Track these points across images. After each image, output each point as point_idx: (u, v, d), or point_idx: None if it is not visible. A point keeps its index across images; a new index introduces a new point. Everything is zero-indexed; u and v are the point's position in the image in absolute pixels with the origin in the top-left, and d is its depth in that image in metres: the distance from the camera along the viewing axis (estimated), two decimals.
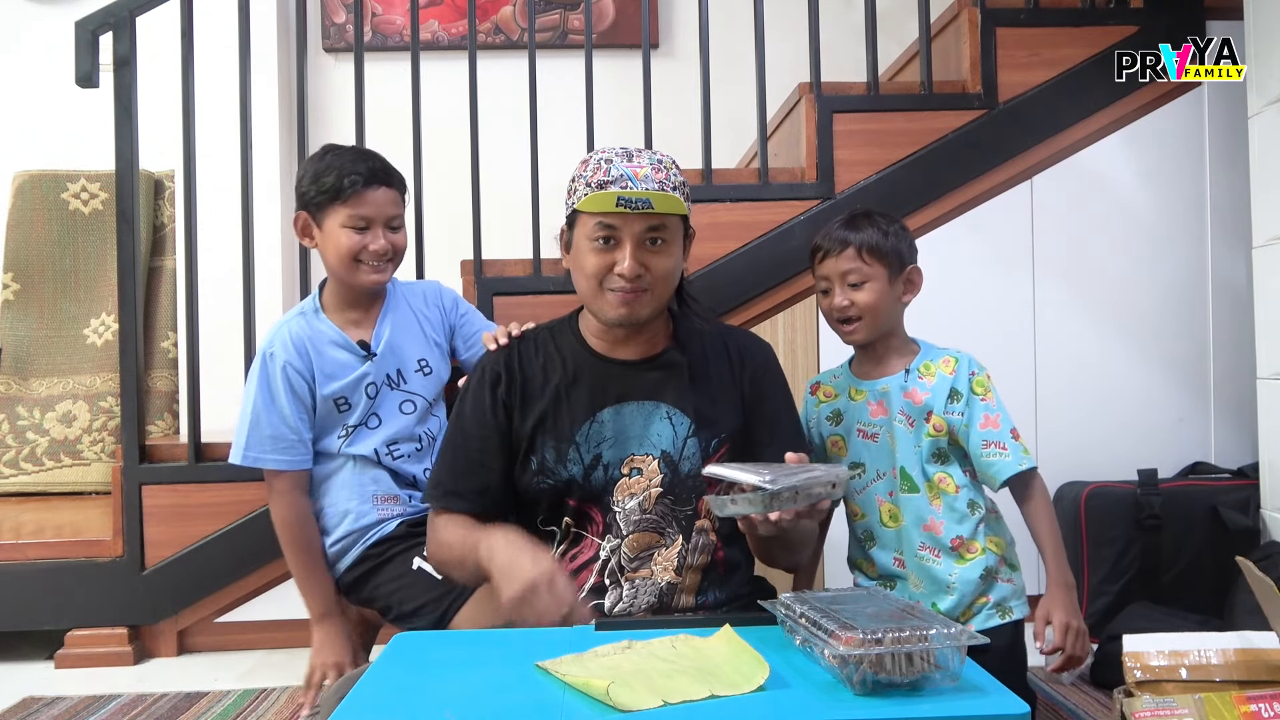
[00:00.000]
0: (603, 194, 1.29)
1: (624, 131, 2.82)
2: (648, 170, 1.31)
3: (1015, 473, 1.53)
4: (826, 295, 1.58)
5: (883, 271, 1.55)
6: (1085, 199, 2.46)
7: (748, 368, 1.46)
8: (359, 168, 1.73)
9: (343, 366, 1.80)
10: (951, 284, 2.42)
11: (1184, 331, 2.47)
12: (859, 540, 1.63)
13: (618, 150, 1.35)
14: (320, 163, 1.77)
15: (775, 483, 1.10)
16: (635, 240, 1.32)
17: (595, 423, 1.39)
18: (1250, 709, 1.28)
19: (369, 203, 1.73)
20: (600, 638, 1.13)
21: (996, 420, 1.55)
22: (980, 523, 1.55)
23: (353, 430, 1.81)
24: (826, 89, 2.47)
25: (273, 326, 1.83)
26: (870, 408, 1.60)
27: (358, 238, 1.74)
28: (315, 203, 1.76)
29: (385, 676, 1.06)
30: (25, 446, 3.17)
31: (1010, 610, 1.54)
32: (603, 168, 1.32)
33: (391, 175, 1.79)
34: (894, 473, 1.57)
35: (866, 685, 0.93)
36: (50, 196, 3.36)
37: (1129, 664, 1.42)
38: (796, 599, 1.09)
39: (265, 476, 1.79)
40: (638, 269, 1.32)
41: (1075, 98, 2.44)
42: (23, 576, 2.32)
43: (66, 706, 2.02)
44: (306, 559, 1.79)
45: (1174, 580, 2.24)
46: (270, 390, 1.76)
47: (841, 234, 1.56)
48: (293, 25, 3.08)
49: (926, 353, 1.61)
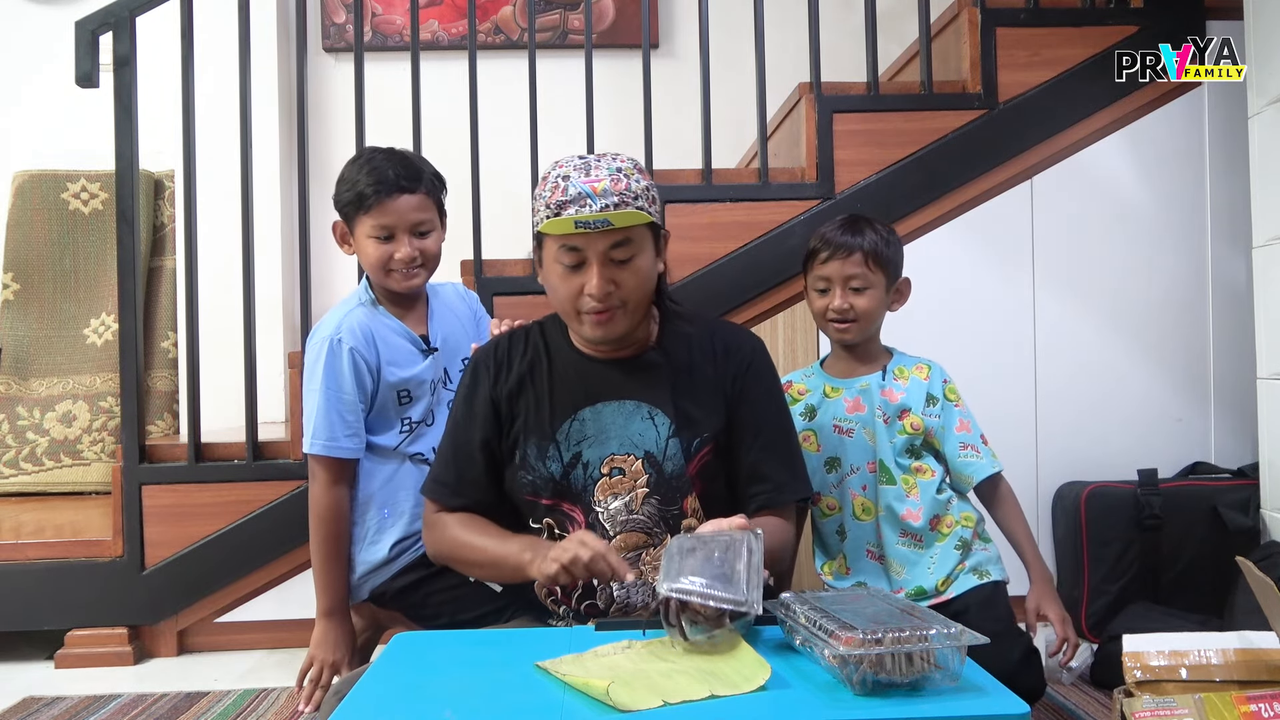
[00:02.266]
0: (560, 220, 1.27)
1: (624, 131, 2.83)
2: (606, 183, 1.28)
3: (989, 474, 1.62)
4: (824, 295, 1.62)
5: (883, 279, 1.61)
6: (1085, 199, 2.45)
7: (731, 366, 1.43)
8: (381, 175, 1.70)
9: (409, 356, 1.79)
10: (951, 284, 2.42)
11: (1184, 331, 2.46)
12: (832, 534, 1.67)
13: (575, 163, 1.32)
14: (350, 169, 1.75)
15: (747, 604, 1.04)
16: (601, 259, 1.30)
17: (576, 420, 1.39)
18: (1250, 709, 1.28)
19: (390, 211, 1.71)
20: (600, 638, 1.13)
21: (968, 425, 1.64)
22: (950, 499, 1.63)
23: (416, 425, 1.80)
24: (826, 89, 2.47)
25: (330, 316, 1.80)
26: (846, 404, 1.65)
27: (384, 247, 1.72)
28: (345, 212, 1.75)
29: (385, 676, 1.06)
30: (25, 446, 3.17)
31: (988, 573, 1.61)
32: (560, 186, 1.29)
33: (417, 180, 1.74)
34: (869, 467, 1.62)
35: (866, 685, 0.93)
36: (50, 196, 3.36)
37: (1129, 664, 1.42)
38: (797, 599, 1.09)
39: (312, 465, 1.76)
40: (606, 288, 1.30)
41: (1075, 98, 2.44)
42: (23, 576, 2.32)
43: (66, 706, 2.02)
44: (334, 549, 1.76)
45: (1174, 580, 2.24)
46: (338, 376, 1.73)
47: (847, 239, 1.59)
48: (293, 25, 3.09)
49: (900, 359, 1.69)
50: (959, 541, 1.61)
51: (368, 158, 1.76)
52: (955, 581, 1.58)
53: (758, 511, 1.40)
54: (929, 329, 2.36)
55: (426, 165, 1.80)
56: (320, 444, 1.73)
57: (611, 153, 1.36)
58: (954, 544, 1.60)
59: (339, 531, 1.76)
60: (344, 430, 1.74)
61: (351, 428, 1.75)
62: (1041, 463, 2.41)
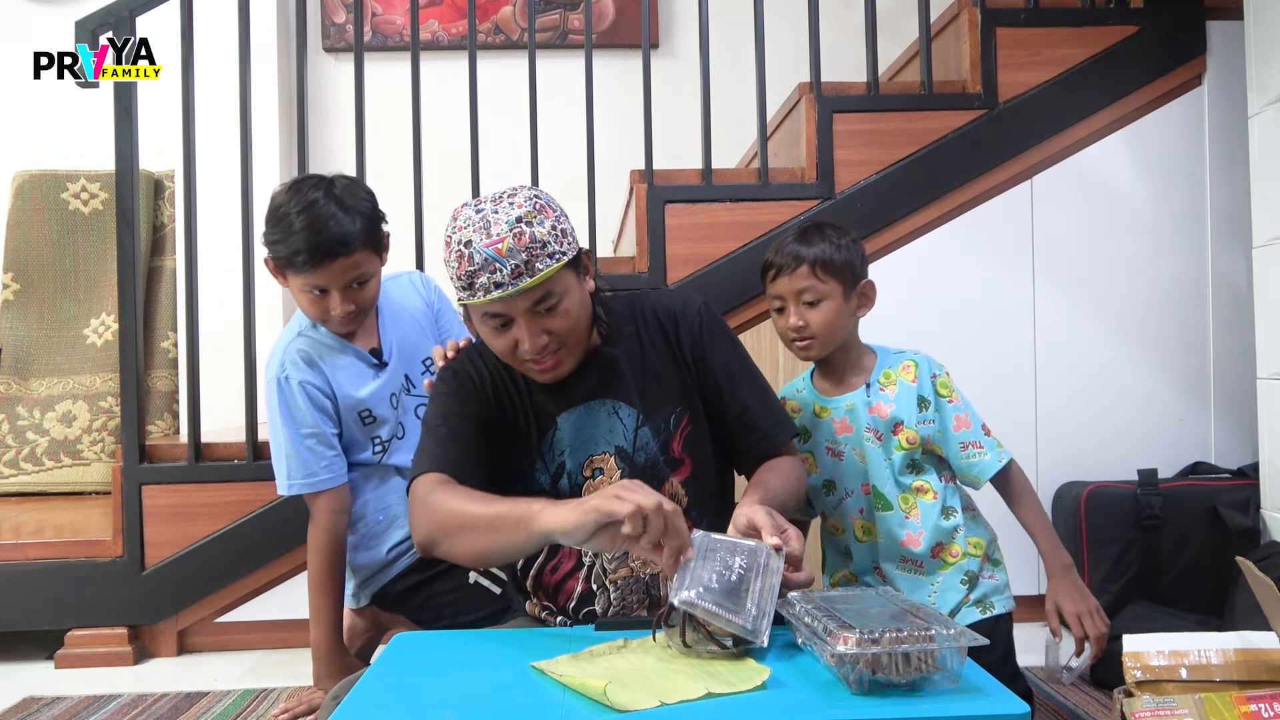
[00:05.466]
0: (475, 299, 1.23)
1: (624, 131, 2.83)
2: (509, 241, 1.21)
3: (997, 470, 1.51)
4: (781, 314, 1.53)
5: (837, 288, 1.50)
6: (1085, 199, 2.45)
7: (683, 332, 1.41)
8: (313, 242, 1.58)
9: (359, 376, 1.75)
10: (952, 284, 2.42)
11: (1184, 331, 2.46)
12: (841, 554, 1.61)
13: (475, 220, 1.23)
14: (277, 225, 1.62)
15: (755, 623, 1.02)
16: (527, 316, 1.26)
17: (555, 430, 1.37)
18: (1250, 709, 1.28)
19: (323, 274, 1.61)
20: (600, 638, 1.13)
21: (967, 419, 1.53)
22: (958, 528, 1.53)
23: (387, 443, 1.78)
24: (826, 89, 2.47)
25: (274, 352, 1.75)
26: (835, 425, 1.56)
27: (320, 301, 1.65)
28: (276, 262, 1.65)
29: (385, 676, 1.06)
30: (25, 446, 3.17)
31: (991, 605, 1.52)
32: (464, 255, 1.22)
33: (351, 241, 1.60)
34: (864, 489, 1.54)
35: (863, 685, 0.93)
36: (50, 196, 3.36)
37: (1129, 664, 1.42)
38: (802, 598, 1.08)
39: (306, 499, 1.74)
40: (540, 342, 1.27)
41: (1075, 98, 2.44)
42: (23, 576, 2.32)
43: (66, 707, 2.02)
44: (334, 583, 1.74)
45: (1174, 580, 2.24)
46: (293, 413, 1.70)
47: (794, 250, 1.50)
48: (293, 25, 3.09)
49: (884, 359, 1.57)
50: (965, 576, 1.51)
51: (302, 207, 1.59)
52: (958, 614, 1.51)
53: (757, 462, 1.39)
54: (929, 329, 2.37)
55: (362, 206, 1.64)
56: (300, 483, 1.71)
57: (509, 193, 1.27)
58: (960, 577, 1.51)
59: (340, 564, 1.74)
60: (319, 463, 1.71)
61: (325, 458, 1.71)
62: (1041, 462, 2.41)
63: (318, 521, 1.73)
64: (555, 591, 1.39)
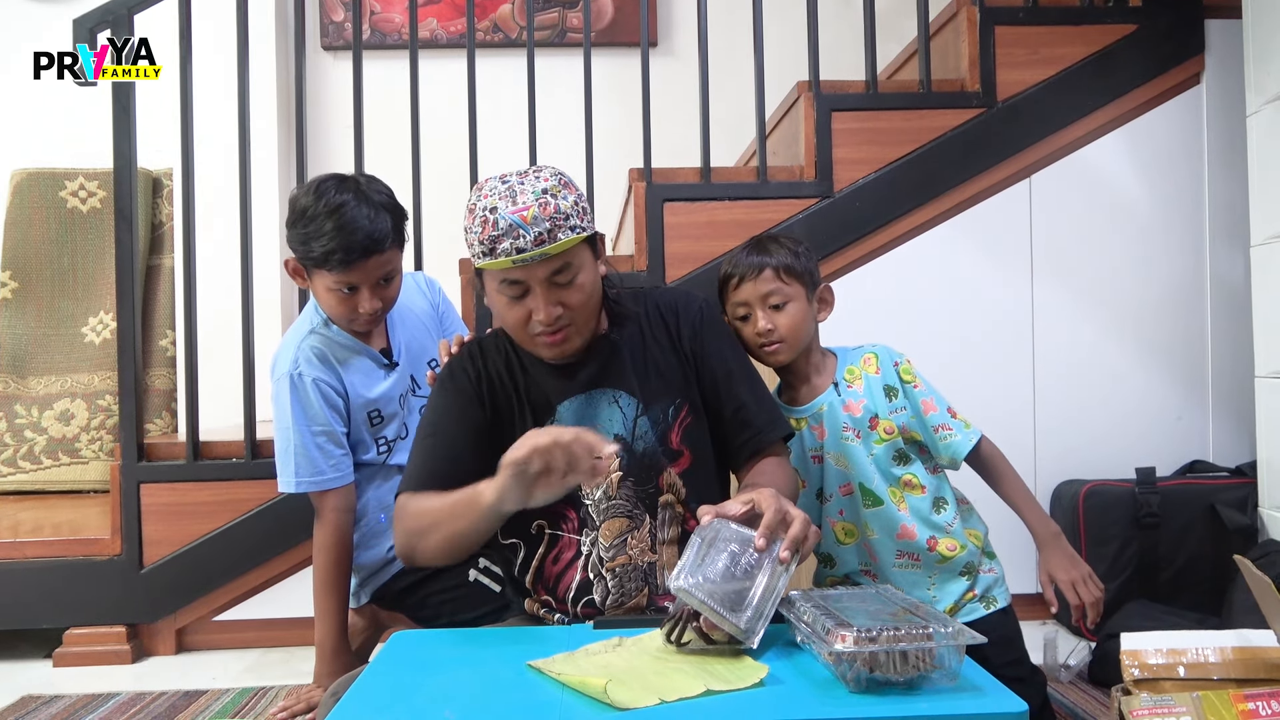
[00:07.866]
0: (495, 261, 1.26)
1: (622, 129, 2.83)
2: (534, 210, 1.24)
3: (969, 448, 1.52)
4: (746, 321, 1.54)
5: (801, 291, 1.53)
6: (1084, 198, 2.46)
7: (684, 325, 1.44)
8: (349, 241, 1.59)
9: (371, 376, 1.76)
10: (950, 283, 2.42)
11: (1182, 330, 2.47)
12: (820, 561, 1.61)
13: (499, 190, 1.26)
14: (307, 227, 1.62)
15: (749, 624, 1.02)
16: (544, 286, 1.29)
17: (555, 420, 1.39)
18: (1248, 707, 1.28)
19: (357, 272, 1.63)
20: (598, 636, 1.13)
21: (932, 403, 1.54)
22: (954, 519, 1.54)
23: (392, 443, 1.78)
24: (825, 87, 2.47)
25: (284, 348, 1.75)
26: (815, 431, 1.56)
27: (348, 300, 1.66)
28: (303, 261, 1.67)
29: (384, 676, 1.06)
30: (23, 445, 3.17)
31: (994, 600, 1.53)
32: (489, 220, 1.25)
33: (385, 239, 1.63)
34: (842, 491, 1.54)
35: (861, 683, 0.93)
36: (48, 195, 3.36)
37: (1127, 662, 1.42)
38: (803, 596, 1.09)
39: (313, 498, 1.73)
40: (555, 313, 1.30)
41: (1074, 96, 2.44)
42: (21, 575, 2.32)
43: (65, 705, 2.02)
44: (341, 581, 1.74)
45: (1172, 578, 2.24)
46: (305, 410, 1.70)
47: (756, 258, 1.53)
48: (291, 23, 3.09)
49: (844, 358, 1.59)
50: (964, 568, 1.52)
51: (333, 208, 1.60)
52: (962, 611, 1.52)
53: (750, 458, 1.40)
54: (927, 327, 2.37)
55: (390, 204, 1.67)
56: (308, 481, 1.71)
57: (534, 169, 1.31)
58: (958, 570, 1.52)
59: (345, 564, 1.74)
60: (326, 461, 1.71)
61: (334, 456, 1.72)
62: (1040, 461, 2.41)
63: (325, 520, 1.73)
64: (556, 583, 1.39)
